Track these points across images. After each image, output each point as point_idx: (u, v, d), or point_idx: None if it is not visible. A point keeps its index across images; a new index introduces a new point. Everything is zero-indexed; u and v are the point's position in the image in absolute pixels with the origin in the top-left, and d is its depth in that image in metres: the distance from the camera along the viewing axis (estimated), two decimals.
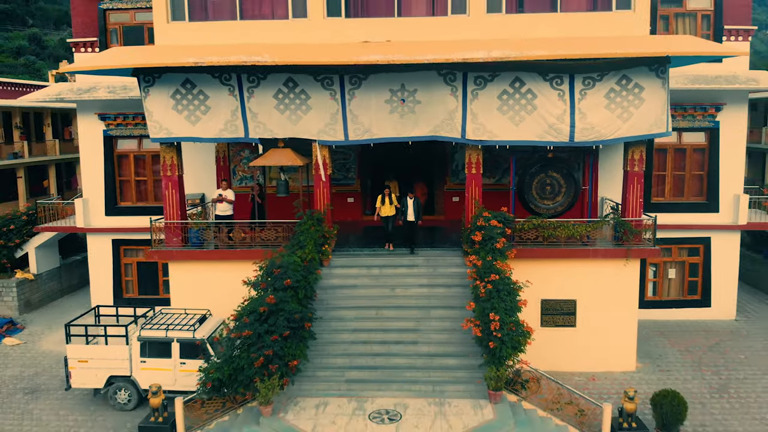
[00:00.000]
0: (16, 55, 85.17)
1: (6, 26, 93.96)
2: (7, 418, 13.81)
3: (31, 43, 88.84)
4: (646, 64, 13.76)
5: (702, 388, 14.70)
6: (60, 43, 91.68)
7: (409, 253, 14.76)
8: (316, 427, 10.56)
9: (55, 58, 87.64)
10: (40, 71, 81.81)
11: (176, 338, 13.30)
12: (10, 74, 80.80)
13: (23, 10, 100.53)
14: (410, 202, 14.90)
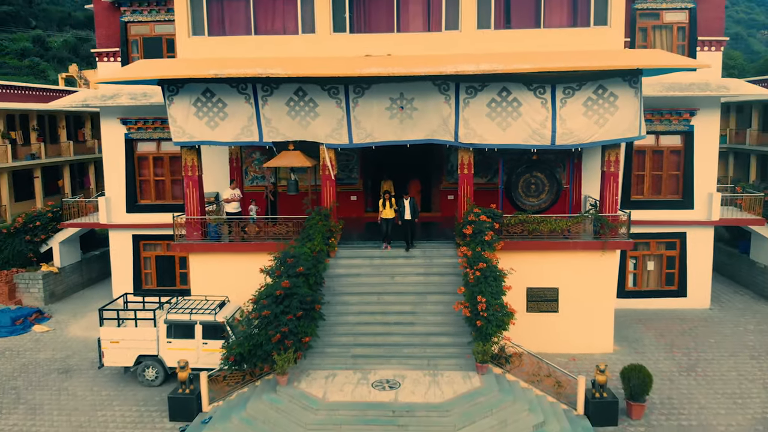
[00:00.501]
0: (20, 57, 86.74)
1: (10, 28, 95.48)
2: (45, 394, 15.53)
3: (35, 45, 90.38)
4: (620, 75, 15.50)
5: (672, 367, 16.44)
6: (63, 44, 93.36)
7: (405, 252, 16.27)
8: (327, 393, 12.30)
9: (59, 59, 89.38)
10: (44, 72, 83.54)
11: (199, 321, 15.03)
12: (15, 76, 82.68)
13: (26, 12, 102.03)
14: (406, 203, 16.47)
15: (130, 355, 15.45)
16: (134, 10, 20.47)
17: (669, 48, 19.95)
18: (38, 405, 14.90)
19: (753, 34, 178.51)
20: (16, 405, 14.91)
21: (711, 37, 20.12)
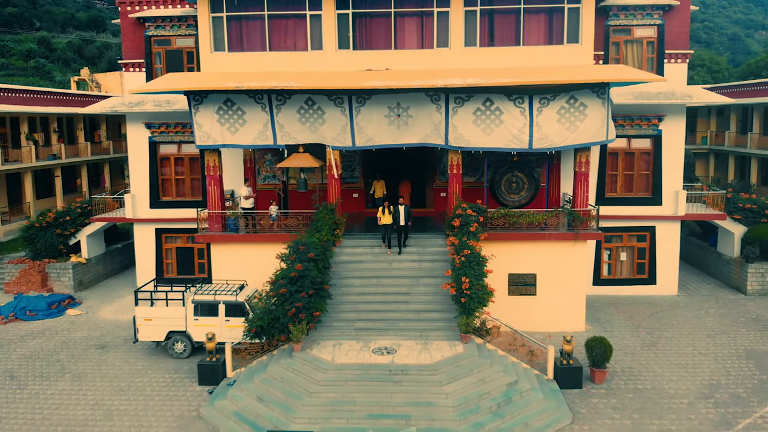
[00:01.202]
0: (26, 58, 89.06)
1: (15, 29, 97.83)
2: (87, 365, 18.06)
3: (40, 46, 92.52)
4: (589, 88, 18.03)
5: (635, 343, 18.99)
6: (68, 45, 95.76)
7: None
8: (334, 357, 14.83)
9: (64, 60, 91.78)
10: (50, 73, 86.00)
11: (222, 301, 17.56)
12: (21, 77, 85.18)
13: (30, 13, 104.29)
14: (401, 209, 18.61)
15: (161, 331, 17.98)
16: (158, 25, 22.98)
17: (639, 60, 22.49)
18: (82, 374, 17.42)
19: (751, 34, 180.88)
20: (62, 374, 17.43)
21: (677, 51, 22.66)
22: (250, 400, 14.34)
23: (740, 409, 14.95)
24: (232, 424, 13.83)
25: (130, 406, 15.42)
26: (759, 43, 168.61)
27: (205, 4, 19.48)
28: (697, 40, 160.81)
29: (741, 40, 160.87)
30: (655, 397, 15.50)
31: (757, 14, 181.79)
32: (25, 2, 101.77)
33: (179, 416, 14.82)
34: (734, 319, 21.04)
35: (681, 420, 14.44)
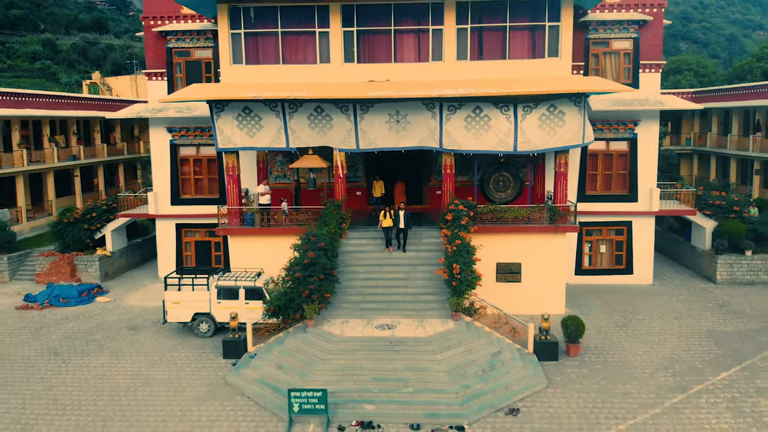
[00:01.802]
0: (31, 60, 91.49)
1: (20, 31, 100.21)
2: (122, 343, 20.58)
3: (45, 48, 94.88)
4: (567, 97, 20.57)
5: (609, 324, 21.54)
6: (72, 47, 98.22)
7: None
8: (343, 332, 17.37)
9: (69, 62, 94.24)
10: (55, 75, 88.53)
11: (242, 286, 20.09)
12: (27, 78, 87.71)
13: (35, 15, 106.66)
14: (401, 214, 20.92)
15: (188, 313, 20.52)
16: (178, 38, 25.53)
17: (617, 70, 25.06)
18: (118, 350, 19.96)
19: (748, 34, 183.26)
20: (101, 350, 19.97)
21: (651, 61, 25.21)
22: (270, 368, 16.88)
23: (695, 378, 17.49)
24: (255, 388, 16.36)
25: (165, 375, 17.97)
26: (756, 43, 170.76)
27: (225, 22, 22.03)
28: (695, 40, 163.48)
29: (738, 41, 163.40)
30: (621, 368, 18.05)
31: (755, 14, 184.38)
32: (29, 4, 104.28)
33: (208, 383, 17.36)
34: (702, 305, 23.59)
35: (642, 385, 16.98)
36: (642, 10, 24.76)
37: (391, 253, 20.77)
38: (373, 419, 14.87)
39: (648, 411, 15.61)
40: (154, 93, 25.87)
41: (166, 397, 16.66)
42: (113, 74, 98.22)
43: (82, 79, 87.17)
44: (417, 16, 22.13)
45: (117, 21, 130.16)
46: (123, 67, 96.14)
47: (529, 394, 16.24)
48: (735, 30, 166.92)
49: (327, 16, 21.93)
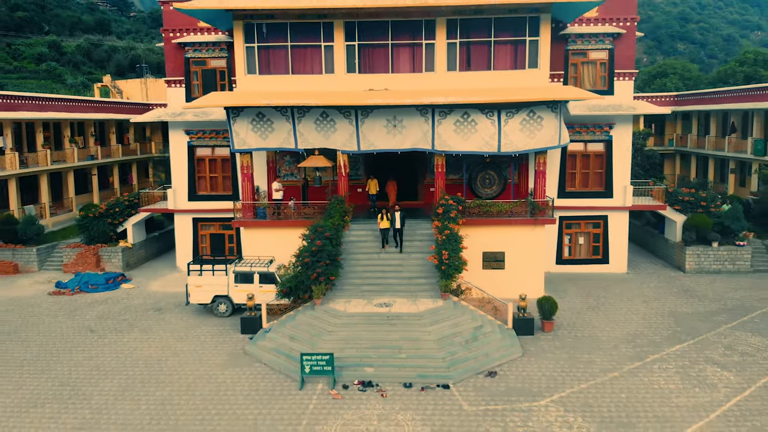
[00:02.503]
0: (38, 61, 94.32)
1: (26, 33, 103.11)
2: (150, 322, 23.49)
3: (51, 50, 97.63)
4: (544, 104, 23.49)
5: (582, 306, 24.47)
6: (77, 49, 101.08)
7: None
8: (346, 309, 20.29)
9: (74, 63, 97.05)
10: (61, 76, 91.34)
11: (257, 271, 23.01)
12: (34, 80, 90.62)
13: (40, 17, 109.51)
14: (397, 215, 23.50)
15: (208, 295, 23.45)
16: (195, 49, 28.46)
17: (594, 78, 27.98)
18: (147, 328, 22.88)
19: (746, 35, 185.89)
20: (131, 328, 22.89)
21: (625, 70, 28.12)
22: (283, 339, 19.80)
23: (652, 349, 20.41)
24: (271, 356, 19.29)
25: (190, 347, 20.90)
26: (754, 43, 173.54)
27: (240, 36, 24.96)
28: (692, 41, 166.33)
29: (735, 41, 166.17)
30: (589, 341, 20.98)
31: (752, 15, 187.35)
32: (34, 6, 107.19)
33: (229, 353, 20.29)
34: (669, 290, 26.54)
35: (605, 355, 19.90)
36: (616, 24, 27.69)
37: (388, 242, 23.67)
38: (372, 379, 17.81)
39: (607, 375, 18.53)
40: (174, 99, 28.81)
41: (194, 364, 19.59)
42: (117, 75, 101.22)
43: (88, 81, 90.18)
44: (412, 32, 25.07)
45: (119, 22, 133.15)
46: (127, 68, 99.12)
47: (506, 361, 19.16)
48: (732, 30, 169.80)
49: (331, 32, 24.89)
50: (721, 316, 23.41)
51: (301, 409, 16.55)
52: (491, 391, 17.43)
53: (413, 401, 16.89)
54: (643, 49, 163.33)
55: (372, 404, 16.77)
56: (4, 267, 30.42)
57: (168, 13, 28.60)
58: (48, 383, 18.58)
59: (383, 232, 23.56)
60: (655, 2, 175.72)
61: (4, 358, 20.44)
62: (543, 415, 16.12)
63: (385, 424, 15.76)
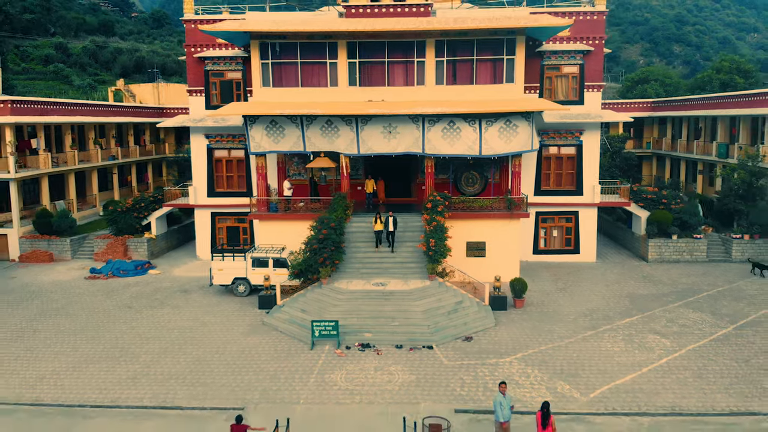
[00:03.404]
0: (45, 63, 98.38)
1: (33, 35, 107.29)
2: (178, 300, 27.78)
3: (57, 51, 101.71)
4: (519, 114, 27.82)
5: (552, 288, 28.82)
6: (83, 50, 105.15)
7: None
8: (348, 287, 24.61)
9: (80, 65, 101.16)
10: (68, 78, 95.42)
11: (271, 257, 27.31)
12: (41, 80, 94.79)
13: (46, 19, 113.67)
14: (390, 219, 27.77)
15: (229, 277, 27.76)
16: (214, 62, 32.77)
17: (566, 90, 32.32)
18: (177, 305, 27.18)
19: (742, 37, 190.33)
20: (163, 305, 27.18)
21: (594, 83, 32.47)
22: (296, 312, 24.12)
23: (605, 322, 24.74)
24: (286, 325, 23.60)
25: (216, 320, 25.21)
26: (750, 45, 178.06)
27: (257, 54, 29.28)
28: (688, 43, 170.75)
29: (731, 44, 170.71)
30: (553, 315, 25.32)
31: (749, 17, 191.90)
32: (40, 9, 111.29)
33: (249, 324, 24.61)
34: (630, 276, 30.89)
35: (564, 326, 24.23)
36: (586, 42, 32.04)
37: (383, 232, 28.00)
38: (370, 342, 22.13)
39: (564, 340, 22.86)
40: (195, 106, 33.14)
41: (221, 332, 23.90)
42: (123, 76, 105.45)
43: (94, 82, 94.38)
44: (405, 51, 29.42)
45: (121, 23, 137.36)
46: (132, 69, 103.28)
47: (481, 329, 23.51)
48: (728, 33, 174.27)
49: (335, 50, 29.23)
50: (670, 297, 27.75)
51: (312, 363, 20.89)
52: (466, 351, 21.77)
53: (403, 358, 21.23)
54: (639, 51, 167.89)
55: (369, 360, 21.12)
56: (41, 256, 34.72)
57: (189, 31, 32.89)
58: (99, 347, 22.89)
59: (377, 234, 27.59)
60: (651, 5, 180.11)
61: (59, 328, 24.73)
62: (507, 368, 20.47)
63: (380, 373, 20.10)
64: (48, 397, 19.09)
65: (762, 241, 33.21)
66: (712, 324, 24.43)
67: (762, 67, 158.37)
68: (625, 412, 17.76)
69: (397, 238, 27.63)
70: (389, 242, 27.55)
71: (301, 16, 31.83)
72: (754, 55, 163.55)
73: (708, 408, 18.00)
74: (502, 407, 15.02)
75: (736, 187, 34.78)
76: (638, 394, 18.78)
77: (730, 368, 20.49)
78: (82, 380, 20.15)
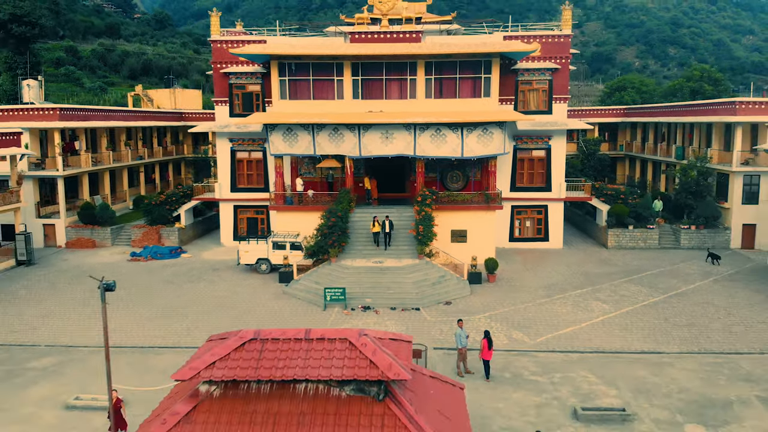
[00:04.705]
0: (56, 66, 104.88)
1: (45, 39, 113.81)
2: (212, 276, 34.54)
3: (68, 54, 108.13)
4: (494, 123, 34.60)
5: (521, 268, 35.64)
6: (92, 53, 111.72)
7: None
8: (352, 264, 31.40)
9: (91, 68, 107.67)
10: (79, 80, 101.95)
11: (288, 241, 34.09)
12: (53, 83, 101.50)
13: (54, 22, 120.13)
14: (386, 222, 34.73)
15: (253, 257, 34.54)
16: (237, 77, 39.55)
17: (537, 102, 39.13)
18: (211, 280, 33.96)
19: (738, 39, 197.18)
20: (199, 280, 33.94)
21: (561, 95, 39.28)
22: (310, 284, 30.88)
23: (559, 292, 31.54)
24: (303, 294, 30.37)
25: (246, 290, 31.98)
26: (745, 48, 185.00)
27: (276, 72, 36.06)
28: (683, 45, 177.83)
29: (725, 46, 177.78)
30: (518, 287, 32.12)
31: (744, 19, 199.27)
32: (48, 12, 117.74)
33: (273, 293, 31.38)
34: (589, 260, 37.70)
35: (526, 294, 31.02)
36: (554, 61, 38.84)
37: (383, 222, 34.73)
38: (370, 305, 28.91)
39: (524, 304, 29.65)
40: (220, 114, 39.95)
41: (251, 299, 30.67)
42: (130, 78, 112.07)
43: (104, 84, 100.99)
44: (400, 70, 36.22)
45: (125, 24, 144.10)
46: (139, 72, 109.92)
47: (459, 296, 30.29)
48: (723, 35, 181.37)
49: (342, 70, 36.03)
50: (619, 275, 34.54)
51: (325, 320, 27.67)
52: (446, 311, 28.57)
53: (396, 316, 28.02)
54: (635, 53, 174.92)
55: (370, 318, 27.90)
56: (85, 242, 41.45)
57: (216, 50, 39.69)
58: (153, 309, 29.63)
59: (375, 235, 34.17)
60: (647, 7, 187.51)
61: (117, 296, 31.39)
62: (476, 323, 27.25)
63: (378, 326, 26.88)
64: (123, 342, 25.83)
65: (706, 231, 40.00)
66: (646, 294, 31.23)
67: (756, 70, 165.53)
68: (560, 350, 24.54)
69: (393, 230, 34.38)
70: (386, 243, 34.21)
71: (314, 41, 38.67)
72: (748, 57, 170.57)
73: (625, 348, 24.77)
74: (460, 337, 21.73)
75: (687, 185, 41.53)
76: (574, 340, 25.57)
77: (651, 324, 27.26)
78: (145, 332, 26.88)
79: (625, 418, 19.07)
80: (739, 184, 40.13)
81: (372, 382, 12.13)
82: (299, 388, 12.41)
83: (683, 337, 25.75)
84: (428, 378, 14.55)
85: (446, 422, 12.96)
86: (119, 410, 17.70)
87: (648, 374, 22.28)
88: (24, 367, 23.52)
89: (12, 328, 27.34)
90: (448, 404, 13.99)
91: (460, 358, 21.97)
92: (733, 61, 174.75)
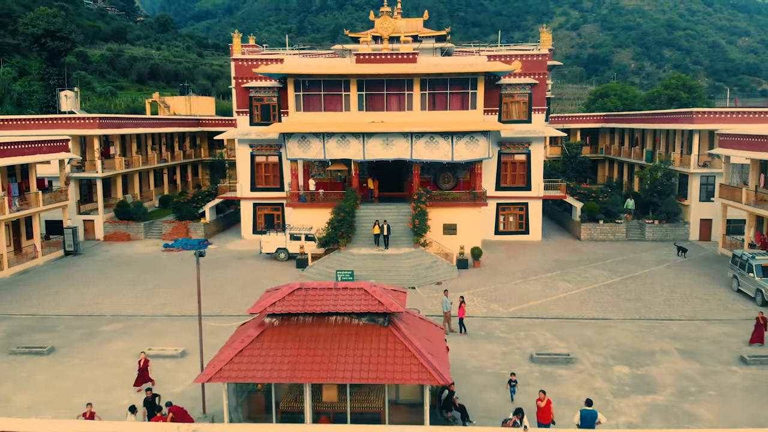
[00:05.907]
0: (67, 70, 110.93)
1: None
2: (237, 264, 41.50)
3: (78, 59, 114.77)
4: (479, 132, 41.58)
5: (503, 257, 42.65)
6: (101, 58, 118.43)
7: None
8: (359, 252, 38.38)
9: (100, 72, 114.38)
10: (90, 84, 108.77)
11: (303, 233, 41.06)
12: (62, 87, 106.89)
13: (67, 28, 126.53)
14: (385, 226, 41.57)
15: (273, 247, 41.53)
16: (256, 90, 46.55)
17: (518, 113, 46.15)
18: (236, 267, 40.92)
19: (733, 41, 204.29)
20: (226, 267, 40.90)
21: (539, 107, 46.29)
22: (324, 268, 37.83)
23: (533, 274, 38.53)
24: (317, 276, 37.33)
25: (268, 274, 38.93)
26: (740, 50, 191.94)
27: (292, 88, 43.07)
28: (679, 47, 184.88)
29: (721, 48, 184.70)
30: (499, 271, 39.09)
31: (740, 21, 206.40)
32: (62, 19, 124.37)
33: (292, 276, 38.33)
34: (563, 249, 44.70)
35: (505, 276, 37.98)
36: (533, 77, 45.85)
37: (383, 216, 41.67)
38: None
39: (502, 284, 36.63)
40: (241, 123, 46.96)
41: (274, 280, 37.56)
42: (138, 82, 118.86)
43: (114, 88, 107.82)
44: (399, 86, 43.21)
45: (130, 28, 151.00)
46: (147, 76, 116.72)
47: (449, 278, 37.26)
48: (719, 37, 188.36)
49: (349, 86, 43.02)
50: (586, 262, 41.54)
51: None
52: (437, 290, 35.54)
53: None
54: (631, 55, 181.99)
55: None
56: (121, 236, 48.39)
57: (238, 67, 46.73)
58: (191, 288, 36.31)
59: (375, 236, 41.11)
60: (644, 9, 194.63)
61: (159, 279, 38.40)
62: None
63: None
64: (175, 312, 32.71)
65: (668, 225, 47.00)
66: (606, 276, 38.22)
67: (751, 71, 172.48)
68: (526, 317, 31.48)
69: (390, 222, 41.33)
70: (385, 243, 41.05)
71: (324, 62, 45.66)
72: (744, 59, 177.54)
73: (579, 316, 31.72)
74: (445, 303, 28.67)
75: (653, 185, 48.48)
76: (539, 309, 32.55)
77: (605, 299, 34.22)
78: (191, 305, 33.75)
79: (569, 361, 26.01)
80: (697, 184, 47.16)
81: (379, 314, 19.17)
82: (331, 319, 19.43)
83: (629, 308, 32.70)
84: (418, 319, 21.60)
85: (429, 343, 19.94)
86: (146, 369, 23.56)
87: (593, 333, 29.23)
88: (98, 330, 30.44)
89: (79, 303, 34.27)
90: (432, 335, 20.98)
91: (445, 320, 28.90)
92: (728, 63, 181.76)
